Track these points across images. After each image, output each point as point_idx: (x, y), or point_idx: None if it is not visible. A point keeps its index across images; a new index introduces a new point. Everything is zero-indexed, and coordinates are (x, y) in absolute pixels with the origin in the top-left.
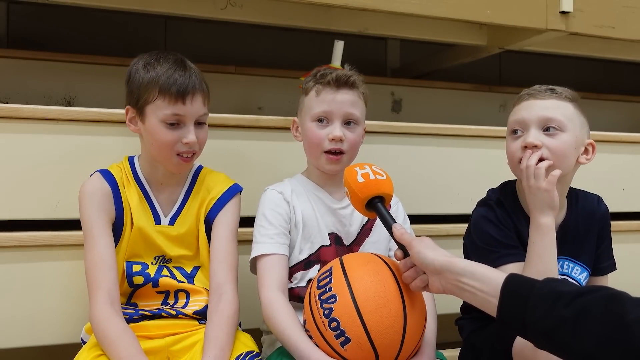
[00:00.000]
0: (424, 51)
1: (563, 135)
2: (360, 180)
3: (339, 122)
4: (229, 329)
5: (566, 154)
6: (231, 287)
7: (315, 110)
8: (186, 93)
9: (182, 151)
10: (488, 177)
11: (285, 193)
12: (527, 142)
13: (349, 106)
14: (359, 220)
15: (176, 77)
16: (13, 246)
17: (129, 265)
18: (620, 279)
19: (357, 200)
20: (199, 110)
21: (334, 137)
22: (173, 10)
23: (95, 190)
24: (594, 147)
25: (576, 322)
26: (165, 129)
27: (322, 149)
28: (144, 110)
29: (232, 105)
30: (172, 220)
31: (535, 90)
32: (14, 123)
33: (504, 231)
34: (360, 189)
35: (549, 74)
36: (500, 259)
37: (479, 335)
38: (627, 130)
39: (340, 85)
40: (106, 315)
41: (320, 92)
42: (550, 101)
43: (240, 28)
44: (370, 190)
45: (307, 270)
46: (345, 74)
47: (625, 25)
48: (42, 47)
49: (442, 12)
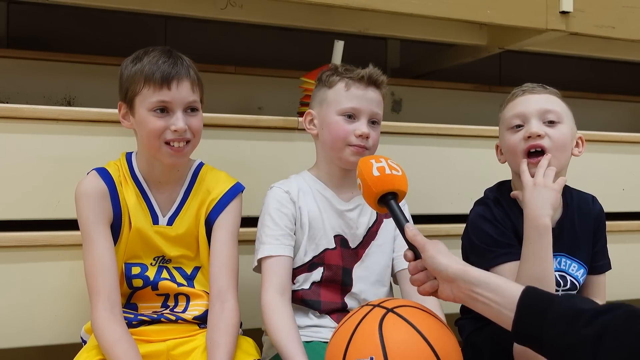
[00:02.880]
0: (424, 51)
1: (562, 127)
2: (375, 173)
3: (365, 120)
4: (233, 337)
5: (566, 145)
6: (233, 294)
7: (344, 105)
8: (170, 78)
9: (170, 139)
10: (488, 177)
11: (292, 192)
12: (531, 131)
13: (375, 105)
14: (366, 223)
15: (160, 64)
16: (13, 246)
17: (127, 268)
18: (620, 279)
19: (370, 194)
20: (186, 96)
21: (362, 133)
22: (173, 10)
23: (91, 191)
24: (583, 140)
25: (597, 342)
26: (153, 118)
27: (347, 142)
28: (133, 103)
29: (232, 105)
30: (171, 220)
31: (528, 87)
32: (14, 123)
33: (502, 229)
34: (374, 182)
35: (549, 74)
36: (498, 258)
37: (479, 335)
38: (627, 130)
39: (370, 83)
40: (105, 322)
41: (350, 87)
42: (545, 95)
43: (240, 28)
44: (384, 185)
45: (311, 272)
46: (376, 72)
47: (625, 25)
48: (42, 47)
49: (442, 12)
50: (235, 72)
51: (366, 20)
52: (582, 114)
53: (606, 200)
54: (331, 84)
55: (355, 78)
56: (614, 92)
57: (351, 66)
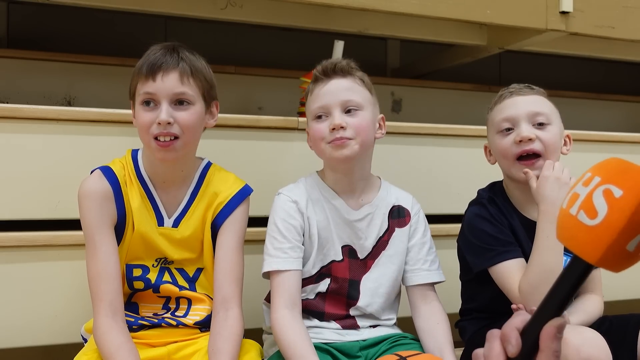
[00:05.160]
0: (424, 51)
1: (551, 128)
2: None
3: (337, 112)
4: (236, 345)
5: (556, 146)
6: (237, 302)
7: (312, 108)
8: (155, 70)
9: (156, 133)
10: (488, 177)
11: (300, 202)
12: (522, 135)
13: (344, 93)
14: (376, 233)
15: (150, 56)
16: (13, 246)
17: (129, 269)
18: (620, 279)
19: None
20: (172, 87)
21: (334, 125)
22: (173, 10)
23: (95, 192)
24: (570, 138)
25: None
26: (142, 111)
27: (325, 141)
28: (134, 101)
29: (232, 105)
30: (176, 222)
31: (515, 88)
32: (14, 123)
33: (499, 228)
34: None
35: (549, 74)
36: (499, 255)
37: (481, 337)
38: (627, 130)
39: (329, 75)
40: (107, 328)
41: (313, 90)
42: (532, 97)
43: (240, 28)
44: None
45: (318, 283)
46: (332, 62)
47: (625, 25)
48: (42, 47)
49: (442, 12)
50: (235, 72)
51: (366, 20)
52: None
53: None
54: (307, 96)
55: (315, 78)
56: (614, 92)
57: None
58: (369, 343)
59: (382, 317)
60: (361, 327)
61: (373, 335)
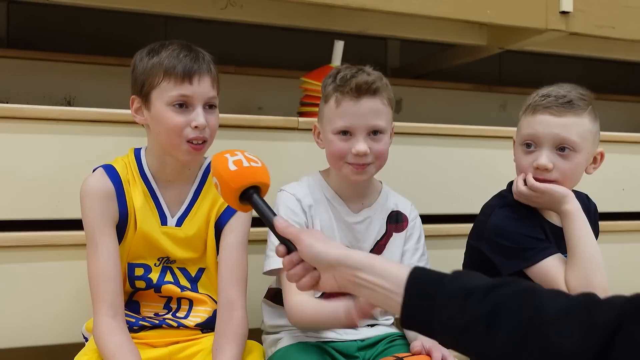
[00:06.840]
0: (424, 51)
1: (576, 157)
2: (232, 168)
3: (362, 136)
4: (240, 345)
5: (576, 175)
6: (242, 303)
7: (337, 124)
8: (192, 72)
9: (192, 137)
10: (488, 177)
11: (304, 201)
12: (539, 164)
13: (372, 117)
14: (374, 236)
15: (181, 58)
16: (13, 246)
17: (130, 268)
18: (620, 279)
19: (230, 191)
20: (207, 91)
21: (357, 152)
22: (173, 10)
23: (97, 191)
24: (603, 156)
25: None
26: (172, 113)
27: (345, 160)
28: (149, 97)
29: (232, 105)
30: (180, 221)
31: (551, 103)
32: (14, 123)
33: (534, 227)
34: (232, 178)
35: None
36: (541, 253)
37: None
38: (627, 130)
39: (361, 94)
40: (107, 329)
41: (340, 103)
42: (565, 119)
43: (240, 28)
44: (244, 179)
45: None
46: (365, 81)
47: (625, 25)
48: (42, 47)
49: (442, 12)
50: (235, 72)
51: (366, 20)
52: None
53: (606, 200)
54: (326, 98)
55: (345, 91)
56: (614, 92)
57: (350, 66)
58: (367, 343)
59: (380, 317)
60: (359, 326)
61: (371, 334)
